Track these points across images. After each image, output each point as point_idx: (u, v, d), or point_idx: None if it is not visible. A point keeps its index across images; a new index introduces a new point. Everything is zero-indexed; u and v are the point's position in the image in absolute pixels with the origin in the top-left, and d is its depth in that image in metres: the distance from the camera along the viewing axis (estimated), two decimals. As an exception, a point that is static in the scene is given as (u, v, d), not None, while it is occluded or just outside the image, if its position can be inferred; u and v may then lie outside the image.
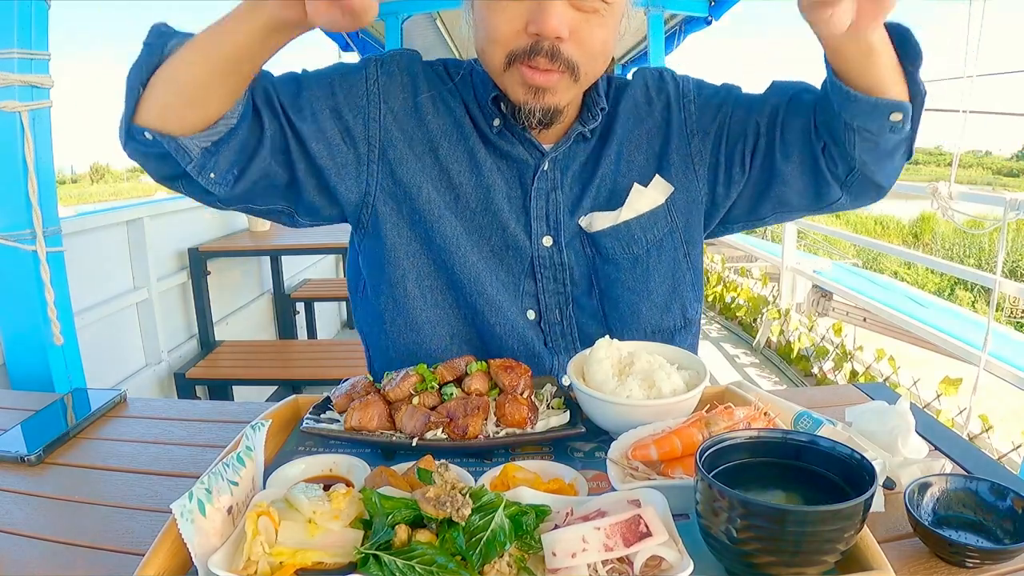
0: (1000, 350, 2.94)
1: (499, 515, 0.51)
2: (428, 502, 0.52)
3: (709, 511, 0.51)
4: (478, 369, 0.84)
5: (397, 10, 4.01)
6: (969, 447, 0.82)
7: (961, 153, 3.53)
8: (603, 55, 0.86)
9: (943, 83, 4.13)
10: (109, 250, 2.58)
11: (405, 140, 0.94)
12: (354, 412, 0.76)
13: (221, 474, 0.57)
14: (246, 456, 0.62)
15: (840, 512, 0.47)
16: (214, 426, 0.91)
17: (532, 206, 0.96)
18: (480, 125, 0.95)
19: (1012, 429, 2.80)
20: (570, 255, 0.97)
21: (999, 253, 2.94)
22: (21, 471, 0.79)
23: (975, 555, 0.57)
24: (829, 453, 0.55)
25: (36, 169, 1.29)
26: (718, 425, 0.66)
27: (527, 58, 0.81)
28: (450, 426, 0.75)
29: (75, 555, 0.63)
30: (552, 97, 0.85)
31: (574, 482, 0.65)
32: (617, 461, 0.66)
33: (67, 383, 1.42)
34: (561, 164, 0.97)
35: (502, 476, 0.64)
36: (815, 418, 0.74)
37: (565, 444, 0.79)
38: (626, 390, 0.75)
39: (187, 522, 0.51)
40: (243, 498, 0.59)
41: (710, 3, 4.04)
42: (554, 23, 0.78)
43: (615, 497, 0.57)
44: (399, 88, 0.95)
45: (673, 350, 0.85)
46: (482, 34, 0.85)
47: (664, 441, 0.65)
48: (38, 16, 1.30)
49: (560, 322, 0.99)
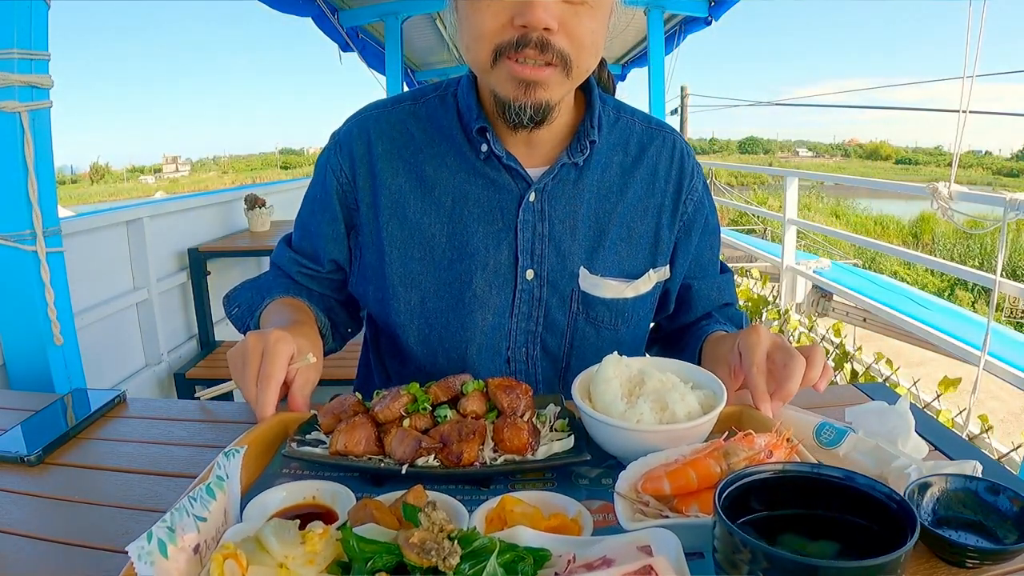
0: (1000, 350, 2.94)
1: (492, 563, 0.46)
2: (412, 548, 0.46)
3: (728, 561, 0.46)
4: (475, 389, 0.77)
5: (397, 10, 4.01)
6: (969, 447, 0.82)
7: (961, 153, 3.53)
8: (593, 47, 0.84)
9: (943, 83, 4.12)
10: (109, 250, 2.58)
11: (390, 193, 0.96)
12: (340, 435, 0.70)
13: (187, 510, 0.52)
14: (217, 488, 0.57)
15: (880, 567, 0.41)
16: (214, 426, 0.91)
17: (518, 239, 0.94)
18: (466, 153, 0.95)
19: (1012, 429, 2.80)
20: (550, 294, 0.97)
21: (999, 253, 2.94)
22: (21, 471, 0.79)
23: (975, 555, 0.57)
24: (865, 492, 0.50)
25: (36, 169, 1.30)
26: (738, 455, 0.61)
27: (514, 51, 0.79)
28: (443, 452, 0.68)
29: (75, 555, 0.63)
30: (544, 92, 0.82)
31: (578, 516, 0.59)
32: (625, 495, 0.60)
33: (67, 383, 1.42)
34: (549, 194, 0.95)
35: (498, 509, 0.59)
36: (838, 428, 0.70)
37: (569, 470, 0.72)
38: (636, 413, 0.69)
39: (145, 564, 0.46)
40: (213, 534, 0.54)
41: (710, 3, 4.05)
42: (540, 14, 0.76)
43: (623, 541, 0.51)
44: (363, 159, 0.98)
45: (687, 367, 0.80)
46: (466, 31, 0.83)
47: (678, 474, 0.59)
48: (38, 16, 1.30)
49: (525, 360, 1.00)
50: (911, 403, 0.81)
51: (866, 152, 67.00)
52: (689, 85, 11.91)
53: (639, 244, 1.00)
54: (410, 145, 0.97)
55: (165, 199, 2.98)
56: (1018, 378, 2.79)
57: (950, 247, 15.93)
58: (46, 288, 1.33)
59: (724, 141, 74.99)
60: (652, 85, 4.31)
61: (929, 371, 3.74)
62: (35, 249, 1.32)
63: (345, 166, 0.98)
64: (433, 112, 0.98)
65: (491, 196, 0.94)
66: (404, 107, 0.99)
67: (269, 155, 76.26)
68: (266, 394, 0.76)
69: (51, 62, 1.32)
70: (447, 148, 0.96)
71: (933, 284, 11.70)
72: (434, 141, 0.96)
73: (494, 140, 0.91)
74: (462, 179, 0.95)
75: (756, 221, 12.69)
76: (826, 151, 71.45)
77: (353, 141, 0.98)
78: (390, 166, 0.96)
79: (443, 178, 0.95)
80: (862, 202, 24.85)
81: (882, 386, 1.03)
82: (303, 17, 3.82)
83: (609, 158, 0.99)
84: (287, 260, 1.06)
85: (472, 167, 0.95)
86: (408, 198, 0.96)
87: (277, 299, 0.99)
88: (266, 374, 0.76)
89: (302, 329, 0.89)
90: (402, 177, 0.96)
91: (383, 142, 0.97)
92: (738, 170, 29.08)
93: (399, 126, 0.98)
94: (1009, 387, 2.94)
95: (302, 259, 1.04)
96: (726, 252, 6.75)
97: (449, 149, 0.96)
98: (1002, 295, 3.40)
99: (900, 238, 18.62)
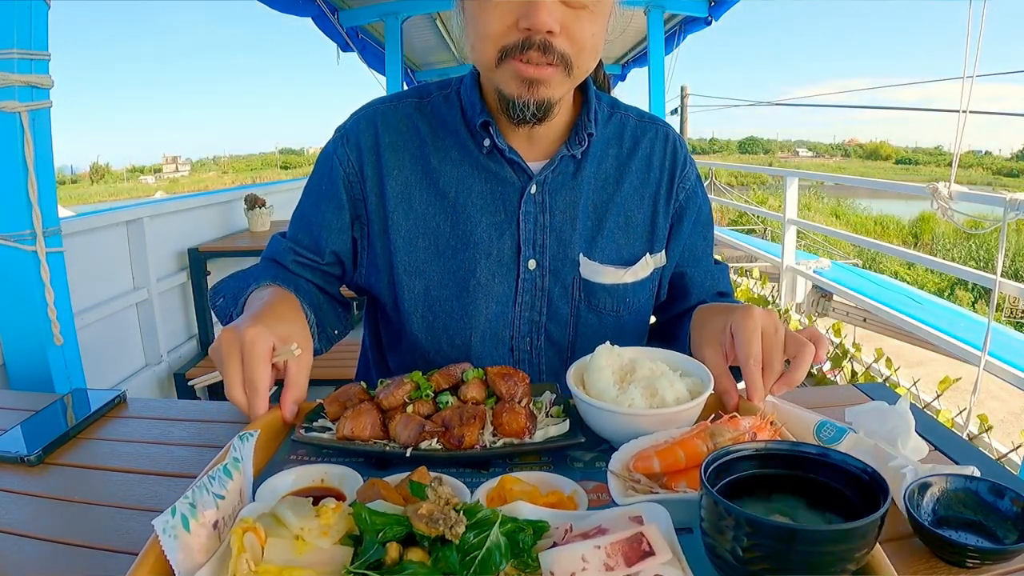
0: (1000, 350, 2.94)
1: (495, 532, 0.49)
2: (420, 519, 0.49)
3: (714, 529, 0.49)
4: (475, 376, 0.81)
5: (397, 10, 4.01)
6: (969, 447, 0.82)
7: (961, 153, 3.53)
8: (593, 49, 0.88)
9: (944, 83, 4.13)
10: (109, 250, 2.58)
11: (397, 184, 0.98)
12: (346, 421, 0.74)
13: (207, 487, 0.55)
14: (233, 468, 0.59)
15: (853, 531, 0.45)
16: (214, 426, 0.91)
17: (520, 229, 0.97)
18: (469, 148, 0.98)
19: (1012, 429, 2.80)
20: (553, 283, 0.99)
21: (999, 253, 2.94)
22: (21, 471, 0.79)
23: (975, 555, 0.57)
24: (839, 467, 0.53)
25: (36, 169, 1.30)
26: (723, 436, 0.64)
27: (519, 52, 0.83)
28: (445, 436, 0.72)
29: (75, 555, 0.63)
30: (546, 90, 0.86)
31: (573, 494, 0.62)
32: (618, 473, 0.63)
33: (67, 383, 1.42)
34: (549, 186, 0.98)
35: (499, 488, 0.62)
36: (837, 427, 0.72)
37: (564, 454, 0.76)
38: (628, 399, 0.73)
39: (170, 538, 0.49)
40: (230, 512, 0.56)
41: (710, 3, 4.05)
42: (544, 17, 0.80)
43: (616, 513, 0.55)
44: (370, 151, 0.99)
45: (676, 356, 0.83)
46: (473, 32, 0.87)
47: (667, 453, 0.63)
48: (38, 16, 1.30)
49: (529, 350, 1.02)
50: (911, 403, 0.81)
51: (866, 152, 67.03)
52: (689, 85, 11.90)
53: (636, 231, 1.03)
54: (415, 138, 1.00)
55: (165, 199, 2.98)
56: (1018, 378, 2.79)
57: (950, 247, 15.93)
58: (46, 288, 1.33)
59: (724, 141, 75.04)
60: (652, 85, 4.31)
61: (929, 371, 3.74)
62: (35, 249, 1.32)
63: (352, 157, 1.00)
64: (437, 108, 1.01)
65: (494, 188, 0.98)
66: (410, 103, 1.02)
67: (269, 155, 76.33)
68: (255, 402, 0.76)
69: (51, 62, 1.32)
70: (451, 142, 0.99)
71: (933, 284, 11.70)
72: (439, 136, 0.99)
73: (497, 135, 0.95)
74: (466, 172, 0.98)
75: (756, 221, 12.70)
76: (826, 151, 71.48)
77: (360, 133, 1.00)
78: (396, 158, 0.99)
79: (447, 171, 0.98)
80: (862, 202, 24.87)
81: (882, 386, 1.03)
82: (303, 17, 3.82)
83: (605, 151, 1.03)
84: (283, 250, 1.04)
85: (475, 161, 0.98)
86: (414, 189, 0.99)
87: (263, 285, 0.95)
88: (251, 382, 0.75)
89: (279, 311, 0.86)
90: (408, 169, 0.99)
91: (389, 134, 1.00)
92: (738, 170, 29.09)
93: (405, 120, 1.01)
94: (1009, 387, 2.94)
95: (300, 248, 1.03)
96: (726, 252, 6.75)
97: (453, 143, 0.99)
98: (1002, 295, 3.40)
99: (900, 238, 18.64)
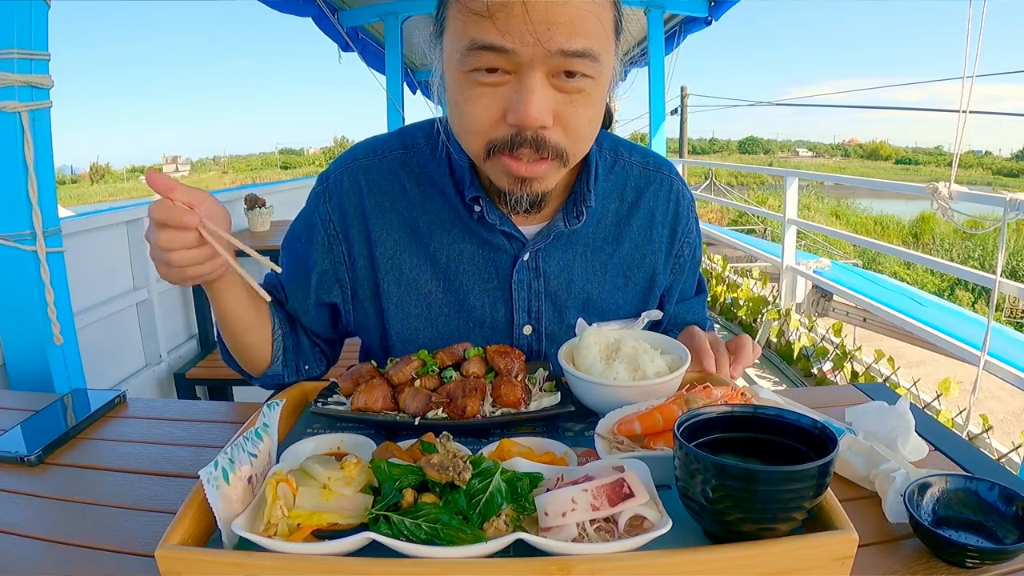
0: (1000, 350, 2.94)
1: (496, 479, 0.56)
2: (432, 467, 0.57)
3: (687, 474, 0.55)
4: (475, 354, 0.88)
5: (397, 10, 4.01)
6: (969, 447, 0.82)
7: (961, 153, 3.53)
8: (590, 135, 0.81)
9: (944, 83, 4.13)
10: (109, 250, 2.58)
11: (386, 249, 0.95)
12: (360, 394, 0.81)
13: (242, 446, 0.61)
14: (263, 432, 0.66)
15: (802, 472, 0.52)
16: (214, 426, 0.91)
17: (514, 296, 0.95)
18: (459, 212, 0.93)
19: (1012, 429, 2.80)
20: (549, 346, 0.97)
21: (999, 253, 2.94)
22: (21, 471, 0.79)
23: (975, 555, 0.57)
24: (795, 425, 0.60)
25: (36, 169, 1.30)
26: (697, 403, 0.69)
27: (509, 150, 0.76)
28: (450, 406, 0.79)
29: (75, 555, 0.63)
30: (539, 185, 0.80)
31: (565, 455, 0.69)
32: (604, 435, 0.70)
33: (67, 383, 1.42)
34: (543, 251, 0.94)
35: (499, 451, 0.68)
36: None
37: (556, 424, 0.83)
38: (613, 372, 0.79)
39: (213, 488, 0.55)
40: (261, 469, 0.63)
41: (710, 3, 4.05)
42: (534, 114, 0.71)
43: (601, 464, 0.63)
44: (355, 212, 0.95)
45: (656, 336, 0.88)
46: (458, 121, 0.79)
47: (647, 417, 0.70)
48: (38, 16, 1.30)
49: None
50: (911, 403, 0.81)
51: (866, 152, 67.01)
52: (689, 85, 11.93)
53: (633, 291, 1.01)
54: (403, 199, 0.95)
55: (165, 199, 2.97)
56: (1018, 378, 2.79)
57: (950, 247, 15.94)
58: (46, 288, 1.33)
59: (724, 141, 75.02)
60: (652, 85, 4.31)
61: (929, 371, 3.74)
62: (35, 249, 1.32)
63: (335, 218, 0.95)
64: (425, 165, 0.95)
65: (486, 255, 0.94)
66: (394, 156, 0.96)
67: (269, 155, 76.22)
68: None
69: (51, 62, 1.32)
70: (440, 203, 0.94)
71: (933, 284, 11.70)
72: (427, 196, 0.94)
73: (488, 208, 0.89)
74: (456, 236, 0.94)
75: (756, 221, 12.70)
76: (826, 151, 71.45)
77: (344, 193, 0.95)
78: (383, 221, 0.94)
79: (437, 235, 0.94)
80: (862, 202, 24.87)
81: (882, 386, 1.03)
82: (303, 17, 3.82)
83: (605, 206, 0.98)
84: (271, 287, 1.01)
85: (465, 226, 0.93)
86: (404, 254, 0.95)
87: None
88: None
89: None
90: (396, 232, 0.95)
91: (375, 195, 0.95)
92: (738, 170, 29.10)
93: (390, 177, 0.95)
94: (1009, 387, 2.94)
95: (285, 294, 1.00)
96: (726, 252, 6.74)
97: (443, 205, 0.94)
98: (1002, 295, 3.40)
99: (900, 238, 18.64)
